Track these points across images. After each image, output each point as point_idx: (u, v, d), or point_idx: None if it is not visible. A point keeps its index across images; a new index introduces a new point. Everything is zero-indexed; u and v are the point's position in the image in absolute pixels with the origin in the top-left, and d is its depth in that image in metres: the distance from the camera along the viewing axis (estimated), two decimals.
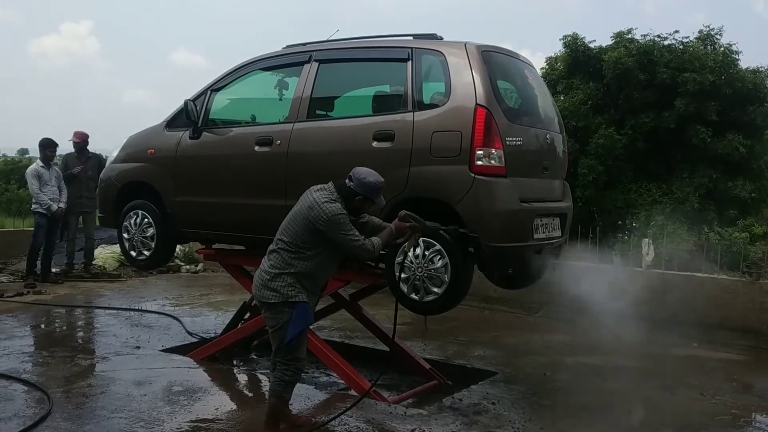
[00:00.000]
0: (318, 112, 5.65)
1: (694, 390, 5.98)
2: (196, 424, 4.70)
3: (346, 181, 4.23)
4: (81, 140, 9.98)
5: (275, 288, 4.17)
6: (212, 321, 7.81)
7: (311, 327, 6.15)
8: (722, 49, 17.35)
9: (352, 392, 5.48)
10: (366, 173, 4.25)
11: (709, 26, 17.90)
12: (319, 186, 4.26)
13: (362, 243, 4.13)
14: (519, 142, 4.99)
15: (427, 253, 4.79)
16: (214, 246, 6.44)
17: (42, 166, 9.39)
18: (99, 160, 10.00)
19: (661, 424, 5.33)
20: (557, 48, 18.72)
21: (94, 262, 10.36)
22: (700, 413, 5.46)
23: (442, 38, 5.37)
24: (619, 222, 14.94)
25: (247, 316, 6.58)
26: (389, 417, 4.89)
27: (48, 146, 9.51)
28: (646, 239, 9.04)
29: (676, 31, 17.96)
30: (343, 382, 5.65)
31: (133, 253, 6.34)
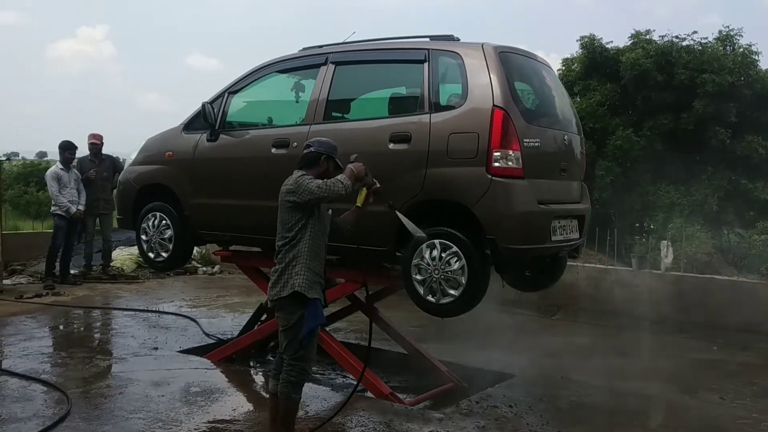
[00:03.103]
0: (334, 114, 5.65)
1: (714, 393, 5.91)
2: (213, 424, 4.72)
3: (305, 151, 4.35)
4: (98, 142, 10.06)
5: (283, 282, 4.19)
6: (229, 322, 7.84)
7: (327, 329, 6.20)
8: (741, 50, 17.16)
9: (369, 394, 5.47)
10: (321, 137, 4.51)
11: (728, 27, 17.71)
12: None
13: (327, 181, 4.12)
14: (536, 144, 4.97)
15: (443, 255, 4.78)
16: (231, 248, 6.46)
17: (62, 169, 9.48)
18: (113, 162, 10.09)
19: (681, 427, 5.27)
20: (572, 50, 18.59)
21: (111, 264, 10.43)
22: (721, 417, 5.40)
23: (458, 39, 5.36)
24: (637, 224, 14.84)
25: (263, 317, 6.59)
26: (406, 419, 4.88)
27: (67, 148, 9.59)
28: (665, 241, 8.97)
29: (695, 32, 17.80)
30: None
31: (151, 255, 6.38)
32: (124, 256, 10.87)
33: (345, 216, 4.49)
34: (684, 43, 17.47)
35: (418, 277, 4.88)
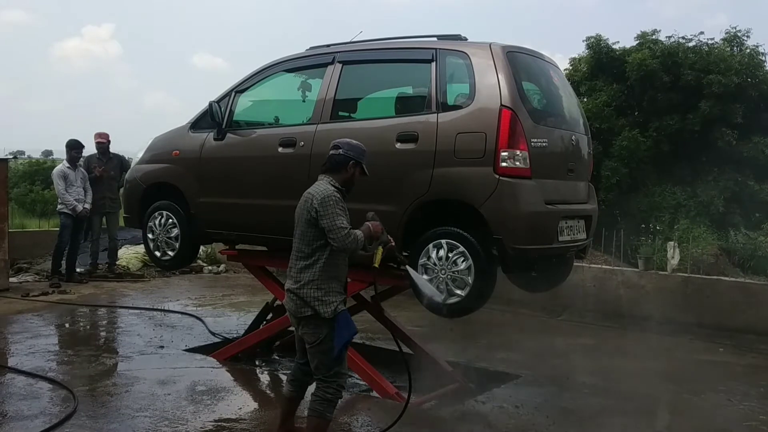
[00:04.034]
0: (341, 113, 5.65)
1: (720, 395, 5.90)
2: (219, 423, 4.72)
3: (332, 152, 4.14)
4: (105, 141, 10.08)
5: (306, 300, 3.97)
6: (234, 321, 7.84)
7: None
8: (748, 51, 17.13)
9: (374, 394, 5.47)
10: (349, 138, 4.25)
11: (735, 27, 17.69)
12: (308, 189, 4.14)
13: (349, 231, 3.92)
14: (544, 144, 4.96)
15: (450, 254, 4.78)
16: (237, 247, 6.47)
17: (68, 167, 9.49)
18: (120, 161, 10.11)
19: (688, 429, 5.26)
20: (577, 50, 18.62)
21: (117, 263, 10.45)
22: (727, 419, 5.38)
23: (466, 39, 5.35)
24: (643, 225, 14.79)
25: (269, 316, 6.60)
26: (412, 419, 4.86)
27: (74, 147, 9.60)
28: (672, 242, 8.94)
29: (701, 33, 17.76)
30: (365, 383, 5.64)
31: (158, 254, 6.39)
32: (130, 254, 10.89)
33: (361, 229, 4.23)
34: (690, 44, 17.44)
35: (425, 276, 4.87)
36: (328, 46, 5.86)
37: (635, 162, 16.45)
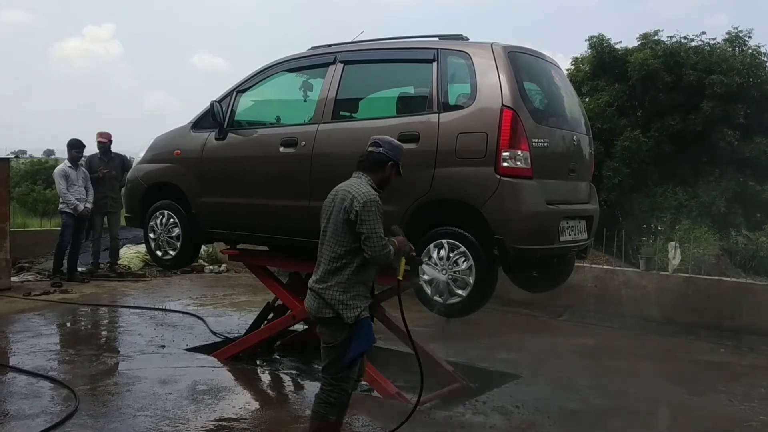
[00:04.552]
0: (343, 113, 5.64)
1: (721, 395, 5.89)
2: (220, 423, 4.73)
3: (372, 149, 3.96)
4: (106, 140, 10.09)
5: (330, 302, 3.80)
6: (235, 321, 7.84)
7: None
8: (750, 51, 17.12)
9: (374, 393, 5.47)
10: (390, 137, 4.09)
11: (737, 28, 17.68)
12: (342, 183, 3.96)
13: (386, 242, 3.79)
14: (545, 144, 4.96)
15: (451, 254, 4.77)
16: (238, 246, 6.47)
17: (70, 167, 9.49)
18: (122, 161, 10.12)
19: (689, 430, 5.26)
20: (577, 50, 18.68)
21: (119, 262, 10.46)
22: (729, 419, 5.38)
23: (467, 39, 5.35)
24: (645, 225, 14.79)
25: (270, 316, 6.60)
26: (412, 419, 4.85)
27: (75, 146, 9.60)
28: (673, 243, 8.94)
29: (703, 33, 17.80)
30: (365, 383, 5.63)
31: (159, 253, 6.39)
32: (131, 254, 10.90)
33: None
34: (692, 44, 17.43)
35: (426, 276, 4.86)
36: (330, 46, 5.86)
37: (637, 162, 16.44)
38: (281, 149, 5.57)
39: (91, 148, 10.15)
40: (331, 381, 3.91)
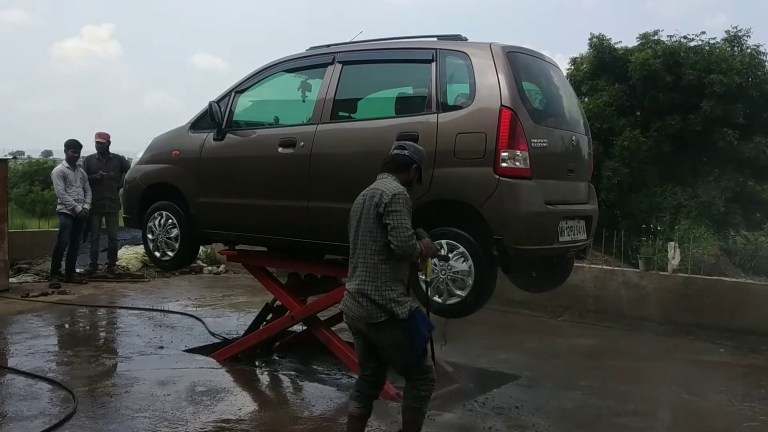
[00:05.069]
0: (341, 113, 5.64)
1: (721, 396, 5.88)
2: (219, 424, 4.71)
3: (397, 152, 4.07)
4: (105, 141, 10.08)
5: (382, 304, 3.81)
6: (234, 322, 7.83)
7: (333, 328, 6.20)
8: (749, 50, 17.14)
9: None
10: (413, 142, 4.24)
11: (737, 27, 17.69)
12: (368, 187, 4.01)
13: (413, 234, 3.83)
14: (544, 144, 4.95)
15: (450, 255, 4.76)
16: (237, 247, 6.46)
17: (68, 167, 9.48)
18: (120, 161, 10.11)
19: (688, 430, 5.25)
20: (576, 50, 18.74)
21: (117, 263, 10.44)
22: (729, 420, 5.37)
23: (466, 39, 5.34)
24: (644, 225, 14.80)
25: (269, 317, 6.59)
26: None
27: (72, 147, 9.58)
28: (672, 243, 8.93)
29: (703, 32, 17.83)
30: None
31: (157, 254, 6.38)
32: (129, 254, 10.89)
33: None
34: (692, 44, 17.44)
35: (424, 277, 4.85)
36: (328, 46, 5.84)
37: (636, 162, 16.46)
38: (280, 150, 5.56)
39: (89, 149, 10.15)
40: (417, 377, 3.97)
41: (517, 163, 4.70)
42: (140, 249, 10.30)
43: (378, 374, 4.12)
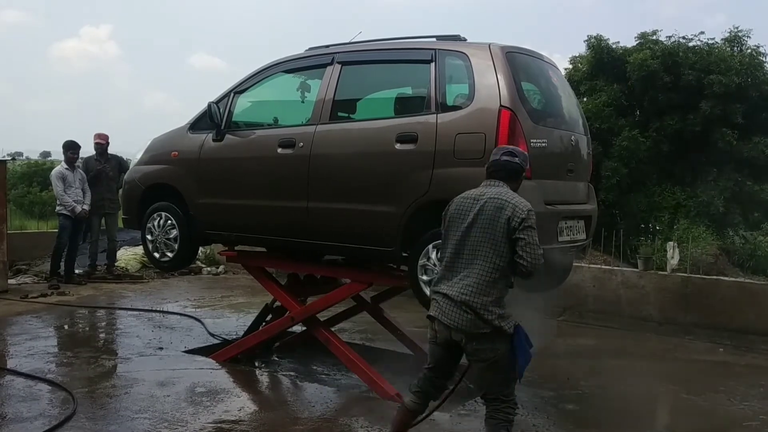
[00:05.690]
0: (340, 114, 5.64)
1: (720, 395, 5.88)
2: (219, 425, 4.71)
3: (507, 158, 3.89)
4: (104, 142, 10.08)
5: (488, 318, 3.64)
6: (234, 323, 7.83)
7: (333, 329, 6.20)
8: (749, 51, 17.15)
9: (373, 395, 5.46)
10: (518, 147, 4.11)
11: (737, 28, 17.70)
12: (479, 191, 3.85)
13: (542, 251, 3.66)
14: (543, 144, 4.95)
15: None
16: (236, 248, 6.46)
17: (66, 168, 9.48)
18: (119, 162, 10.10)
19: (688, 430, 5.24)
20: (574, 50, 18.75)
21: (116, 264, 10.44)
22: (728, 419, 5.37)
23: (465, 39, 5.34)
24: (643, 225, 14.81)
25: (268, 317, 6.59)
26: None
27: (70, 148, 9.58)
28: (671, 242, 8.93)
29: (702, 33, 17.81)
30: (364, 384, 5.62)
31: (157, 255, 6.38)
32: (128, 255, 10.88)
33: None
34: (691, 44, 17.45)
35: (425, 277, 4.85)
36: (327, 46, 5.84)
37: (635, 162, 16.47)
38: (279, 150, 5.56)
39: (88, 150, 10.14)
40: (503, 399, 3.79)
41: None
42: (139, 250, 10.30)
43: (446, 380, 4.06)
